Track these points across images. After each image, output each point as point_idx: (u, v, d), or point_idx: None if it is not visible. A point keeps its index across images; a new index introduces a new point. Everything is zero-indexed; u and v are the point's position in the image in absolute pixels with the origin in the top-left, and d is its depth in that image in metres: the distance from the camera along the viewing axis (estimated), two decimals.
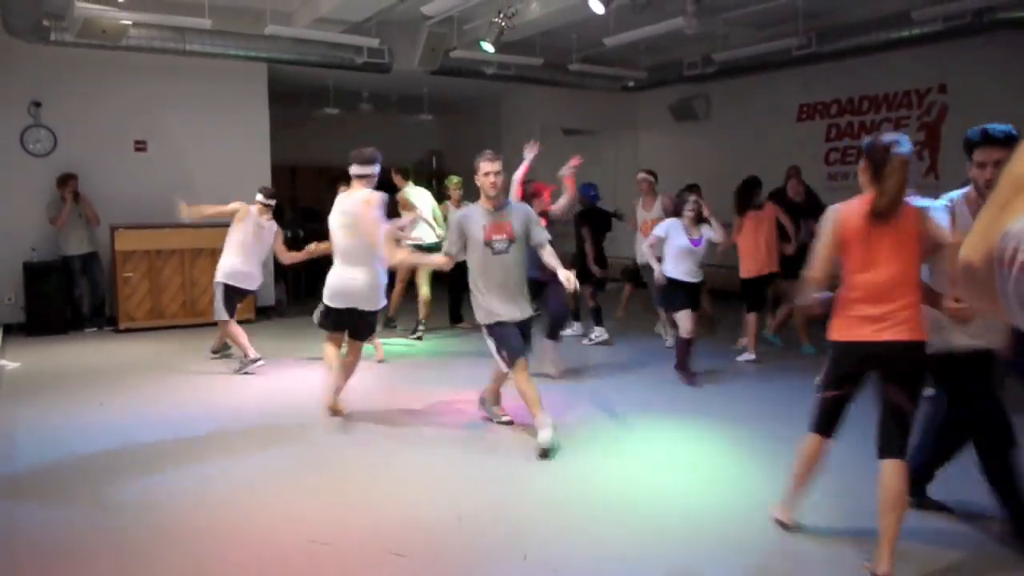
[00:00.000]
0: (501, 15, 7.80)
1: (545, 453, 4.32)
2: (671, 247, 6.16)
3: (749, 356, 6.81)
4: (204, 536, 3.39)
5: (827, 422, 3.20)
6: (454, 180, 8.54)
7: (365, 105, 12.51)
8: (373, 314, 5.17)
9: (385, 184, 5.79)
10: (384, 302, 5.21)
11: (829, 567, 3.10)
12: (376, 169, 5.18)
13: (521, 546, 3.25)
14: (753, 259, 6.82)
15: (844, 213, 3.00)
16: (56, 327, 8.28)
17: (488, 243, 4.57)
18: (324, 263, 5.53)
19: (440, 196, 9.02)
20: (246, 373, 6.37)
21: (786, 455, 4.40)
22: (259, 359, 6.43)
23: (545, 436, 4.35)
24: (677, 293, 6.16)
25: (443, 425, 5.06)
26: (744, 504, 3.74)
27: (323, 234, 5.83)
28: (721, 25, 8.73)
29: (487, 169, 4.64)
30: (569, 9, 7.79)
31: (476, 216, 4.66)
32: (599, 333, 7.70)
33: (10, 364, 6.79)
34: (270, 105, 9.81)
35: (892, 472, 2.93)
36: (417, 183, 8.49)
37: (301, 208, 12.22)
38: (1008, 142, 2.95)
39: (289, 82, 10.38)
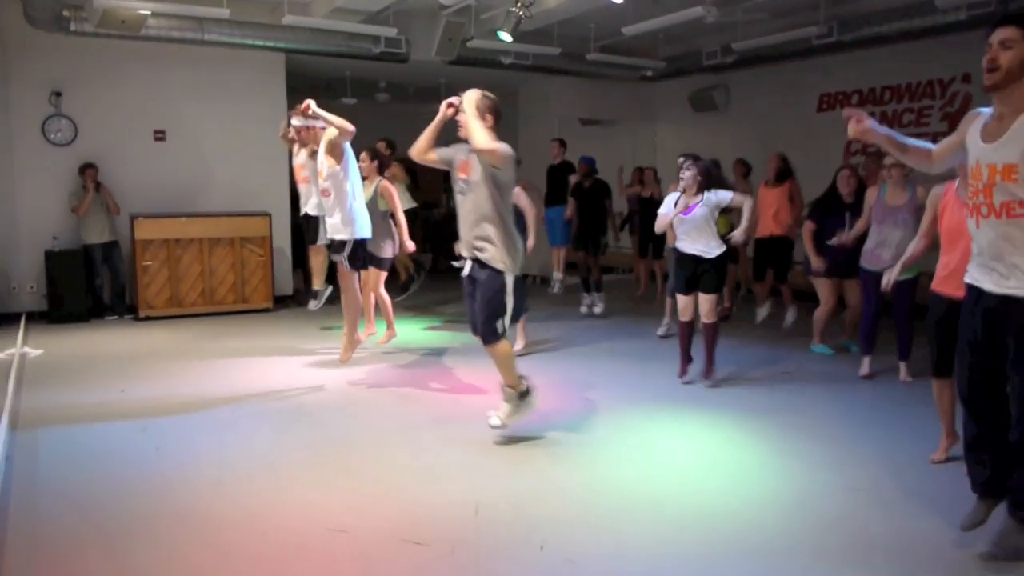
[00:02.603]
0: (519, 4, 7.75)
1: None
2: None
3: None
4: (222, 523, 3.42)
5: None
6: None
7: (382, 95, 12.50)
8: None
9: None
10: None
11: (845, 562, 3.08)
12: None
13: (538, 537, 3.25)
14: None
15: None
16: (77, 315, 8.38)
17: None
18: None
19: None
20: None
21: (804, 446, 4.40)
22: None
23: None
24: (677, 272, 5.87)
25: (461, 413, 5.07)
26: (762, 497, 3.72)
27: None
28: (741, 14, 8.65)
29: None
30: None
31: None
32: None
33: (32, 351, 6.87)
34: (288, 95, 9.82)
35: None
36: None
37: None
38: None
39: (306, 72, 10.39)
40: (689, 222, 5.56)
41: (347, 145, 5.87)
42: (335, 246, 5.91)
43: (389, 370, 6.22)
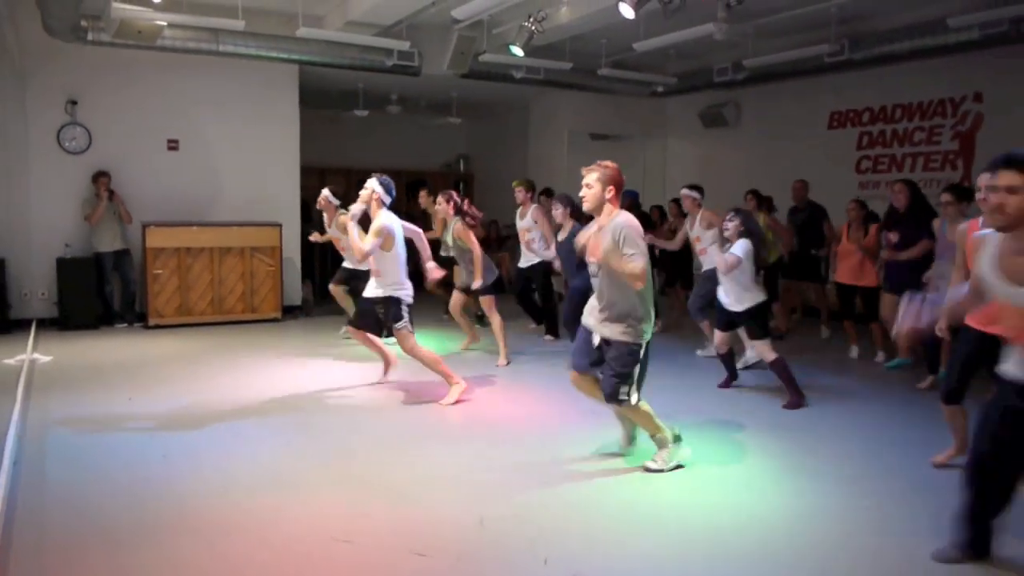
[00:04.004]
0: (531, 19, 7.80)
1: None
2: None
3: None
4: (228, 531, 3.42)
5: None
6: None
7: (394, 107, 12.58)
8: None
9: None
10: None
11: None
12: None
13: (542, 549, 3.24)
14: None
15: None
16: (87, 322, 8.42)
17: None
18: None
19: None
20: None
21: (813, 462, 4.37)
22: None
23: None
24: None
25: (469, 425, 5.07)
26: (769, 512, 3.70)
27: None
28: (752, 31, 8.67)
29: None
30: (599, 14, 7.77)
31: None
32: None
33: (42, 358, 6.91)
34: (300, 106, 9.90)
35: None
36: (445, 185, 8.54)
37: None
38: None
39: (320, 84, 10.47)
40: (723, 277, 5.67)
41: (388, 223, 5.52)
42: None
43: (398, 382, 6.22)
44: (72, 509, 3.64)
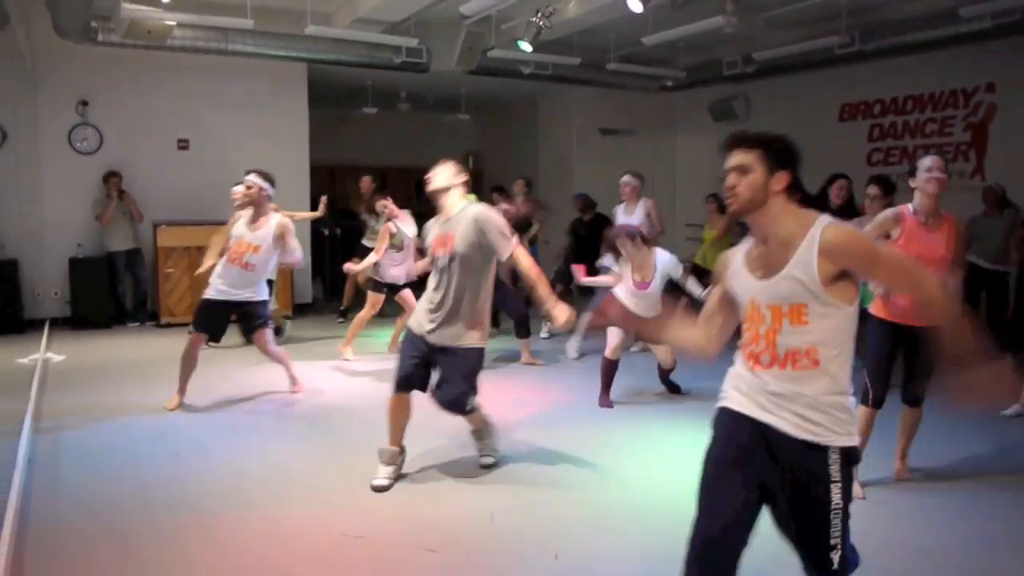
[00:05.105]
0: (539, 14, 7.79)
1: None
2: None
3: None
4: (239, 528, 3.44)
5: None
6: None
7: (403, 105, 12.58)
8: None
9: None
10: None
11: None
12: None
13: (553, 544, 3.24)
14: None
15: None
16: (100, 321, 8.47)
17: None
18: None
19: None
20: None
21: None
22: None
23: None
24: None
25: None
26: None
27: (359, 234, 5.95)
28: (761, 24, 8.62)
29: None
30: (607, 8, 7.74)
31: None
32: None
33: (55, 357, 6.96)
34: (309, 105, 9.92)
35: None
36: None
37: (338, 208, 12.33)
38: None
39: (328, 82, 10.48)
40: (650, 297, 5.35)
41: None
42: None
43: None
44: (85, 507, 3.66)
